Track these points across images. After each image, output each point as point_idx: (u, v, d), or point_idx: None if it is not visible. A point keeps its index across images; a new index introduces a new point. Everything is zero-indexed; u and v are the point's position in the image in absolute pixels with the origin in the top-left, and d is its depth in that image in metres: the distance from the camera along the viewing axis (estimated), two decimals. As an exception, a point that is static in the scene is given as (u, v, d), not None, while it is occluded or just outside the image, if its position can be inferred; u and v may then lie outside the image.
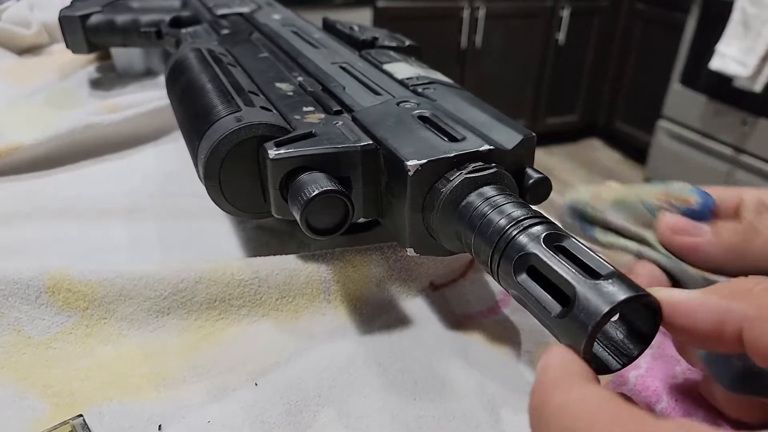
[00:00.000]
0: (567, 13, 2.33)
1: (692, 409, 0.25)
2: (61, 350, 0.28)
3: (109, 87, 0.61)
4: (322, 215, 0.26)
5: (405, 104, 0.31)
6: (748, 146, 1.87)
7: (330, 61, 0.38)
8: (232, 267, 0.31)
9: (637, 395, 0.26)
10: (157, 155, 0.49)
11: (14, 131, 0.47)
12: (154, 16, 0.55)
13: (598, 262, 0.20)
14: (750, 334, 0.17)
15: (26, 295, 0.29)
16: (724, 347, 0.18)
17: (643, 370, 0.27)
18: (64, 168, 0.46)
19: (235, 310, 0.30)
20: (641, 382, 0.26)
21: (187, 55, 0.38)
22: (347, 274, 0.32)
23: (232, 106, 0.30)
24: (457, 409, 0.26)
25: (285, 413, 0.25)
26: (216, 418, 0.25)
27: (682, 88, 2.07)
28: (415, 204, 0.26)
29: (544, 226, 0.22)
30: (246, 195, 0.30)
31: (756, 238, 0.22)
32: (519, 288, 0.21)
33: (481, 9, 2.19)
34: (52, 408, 0.25)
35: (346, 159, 0.27)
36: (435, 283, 0.34)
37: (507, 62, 2.37)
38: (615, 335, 0.21)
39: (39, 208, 0.39)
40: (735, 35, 1.75)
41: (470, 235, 0.24)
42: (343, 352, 0.28)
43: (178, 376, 0.27)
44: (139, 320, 0.29)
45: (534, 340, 0.30)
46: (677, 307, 0.19)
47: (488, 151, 0.26)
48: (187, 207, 0.40)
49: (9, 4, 0.74)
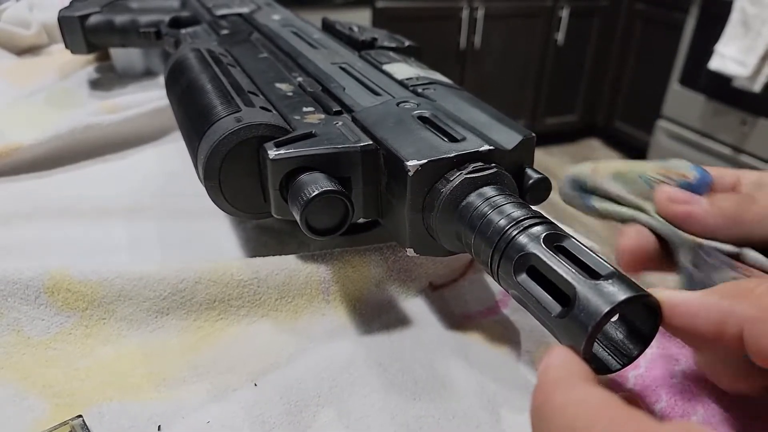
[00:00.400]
0: (566, 13, 2.33)
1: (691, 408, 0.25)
2: (60, 350, 0.28)
3: (109, 87, 0.61)
4: (321, 215, 0.26)
5: (405, 104, 0.31)
6: (747, 146, 1.88)
7: (330, 62, 0.38)
8: (231, 267, 0.31)
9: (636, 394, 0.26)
10: (157, 155, 0.49)
11: (14, 131, 0.47)
12: (153, 17, 0.55)
13: (598, 263, 0.20)
14: (751, 335, 0.17)
15: (26, 296, 0.29)
16: (724, 348, 0.18)
17: (642, 370, 0.27)
18: (64, 168, 0.46)
19: (235, 310, 0.30)
20: (641, 382, 0.26)
21: (187, 56, 0.38)
22: (346, 275, 0.32)
23: (231, 106, 0.30)
24: (457, 409, 0.26)
25: (285, 413, 0.25)
26: (216, 418, 0.25)
27: (681, 88, 2.07)
28: (415, 204, 0.26)
29: (544, 226, 0.22)
30: (246, 195, 0.30)
31: (752, 206, 0.23)
32: (519, 288, 0.21)
33: (481, 9, 2.19)
34: (51, 408, 0.25)
35: (346, 159, 0.27)
36: (434, 284, 0.34)
37: (506, 62, 2.37)
38: (615, 335, 0.21)
39: (39, 208, 0.39)
40: (734, 35, 1.75)
41: (470, 235, 0.24)
42: (342, 353, 0.28)
43: (177, 377, 0.27)
44: (139, 320, 0.29)
45: (534, 340, 0.30)
46: (678, 308, 0.19)
47: (488, 151, 0.26)
48: (187, 207, 0.40)
49: (9, 5, 0.74)
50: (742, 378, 0.21)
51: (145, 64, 0.65)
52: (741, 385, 0.21)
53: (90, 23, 0.56)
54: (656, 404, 0.25)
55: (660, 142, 2.19)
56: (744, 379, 0.21)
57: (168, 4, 0.61)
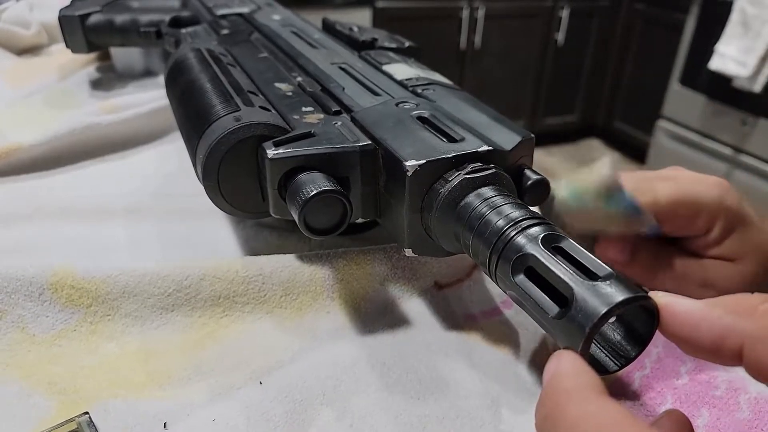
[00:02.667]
0: (566, 14, 2.33)
1: (696, 411, 0.25)
2: (65, 347, 0.28)
3: (109, 87, 0.61)
4: (320, 215, 0.26)
5: (404, 105, 0.31)
6: (747, 146, 1.88)
7: (329, 62, 0.39)
8: (236, 264, 0.31)
9: (642, 396, 0.26)
10: (157, 155, 0.49)
11: (14, 132, 0.47)
12: (153, 16, 0.56)
13: (596, 264, 0.20)
14: (751, 353, 0.17)
15: (30, 292, 0.29)
16: (721, 360, 0.18)
17: (648, 371, 0.27)
18: (64, 168, 0.46)
19: (239, 307, 0.30)
20: (646, 383, 0.26)
21: (187, 55, 0.38)
22: (351, 272, 0.32)
23: (231, 105, 0.30)
24: (460, 409, 0.26)
25: (289, 412, 0.25)
26: (220, 416, 0.25)
27: (681, 88, 2.07)
28: (413, 204, 0.26)
29: (542, 227, 0.22)
30: (244, 195, 0.30)
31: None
32: (517, 289, 0.21)
33: (481, 9, 2.19)
34: (57, 405, 0.25)
35: (344, 159, 0.27)
36: (440, 283, 0.34)
37: (506, 62, 2.37)
38: (613, 336, 0.21)
39: (39, 208, 0.40)
40: (734, 35, 1.75)
41: (468, 235, 0.24)
42: (346, 352, 0.28)
43: (182, 375, 0.27)
44: (143, 317, 0.30)
45: (537, 341, 0.30)
46: (679, 316, 0.18)
47: (487, 151, 0.26)
48: (187, 207, 0.40)
49: (9, 4, 0.74)
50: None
51: (145, 64, 0.65)
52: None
53: (90, 23, 0.56)
54: (661, 406, 0.25)
55: (660, 142, 2.19)
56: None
57: (168, 4, 0.61)
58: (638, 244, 0.28)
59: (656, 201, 0.27)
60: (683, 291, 0.26)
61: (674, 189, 0.27)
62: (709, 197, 0.27)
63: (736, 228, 0.28)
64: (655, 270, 0.29)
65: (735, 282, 0.29)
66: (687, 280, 0.29)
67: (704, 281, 0.29)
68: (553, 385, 0.18)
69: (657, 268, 0.29)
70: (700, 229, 0.28)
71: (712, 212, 0.28)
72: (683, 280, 0.29)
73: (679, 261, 0.29)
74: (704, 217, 0.28)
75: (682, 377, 0.26)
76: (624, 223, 0.26)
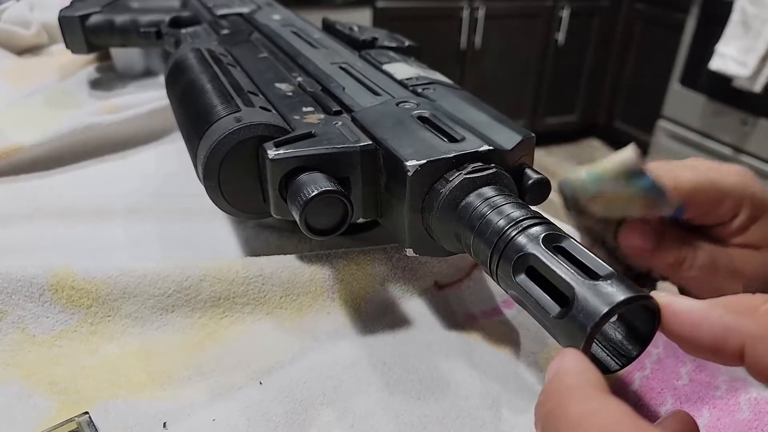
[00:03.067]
0: (567, 14, 2.33)
1: (697, 411, 0.25)
2: (65, 348, 0.28)
3: (109, 87, 0.61)
4: (321, 215, 0.26)
5: (404, 105, 0.31)
6: (747, 146, 1.88)
7: (330, 62, 0.39)
8: (236, 264, 0.31)
9: (642, 396, 0.26)
10: (157, 155, 0.49)
11: (14, 132, 0.47)
12: (153, 17, 0.56)
13: (597, 263, 0.20)
14: (753, 353, 0.17)
15: (30, 293, 0.29)
16: (722, 360, 0.18)
17: (648, 371, 0.27)
18: (64, 168, 0.46)
19: (240, 307, 0.30)
20: (646, 384, 0.26)
21: (187, 56, 0.38)
22: (351, 273, 0.32)
23: (231, 106, 0.30)
24: (461, 409, 0.26)
25: (290, 412, 0.25)
26: (220, 416, 0.25)
27: (681, 88, 2.07)
28: (414, 204, 0.26)
29: (543, 226, 0.22)
30: (245, 195, 0.30)
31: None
32: (518, 288, 0.21)
33: (481, 9, 2.19)
34: (57, 405, 0.25)
35: (345, 159, 0.27)
36: (440, 283, 0.34)
37: (506, 62, 2.37)
38: (614, 336, 0.21)
39: (39, 208, 0.40)
40: (735, 35, 1.75)
41: (469, 235, 0.24)
42: (347, 352, 0.28)
43: (182, 375, 0.27)
44: (144, 318, 0.30)
45: (538, 341, 0.30)
46: (680, 316, 0.18)
47: (488, 151, 0.26)
48: (187, 207, 0.40)
49: (9, 4, 0.74)
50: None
51: (145, 64, 0.65)
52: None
53: (90, 23, 0.56)
54: (662, 406, 0.25)
55: (660, 142, 2.19)
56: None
57: (168, 4, 0.61)
58: (664, 232, 0.28)
59: (679, 186, 0.26)
60: (711, 280, 0.26)
61: (696, 174, 0.27)
62: (733, 183, 0.27)
63: (762, 216, 0.28)
64: (682, 257, 0.28)
65: (762, 270, 0.28)
66: (714, 268, 0.28)
67: (731, 269, 0.28)
68: (556, 382, 0.18)
69: (684, 255, 0.28)
70: (724, 216, 0.27)
71: (736, 199, 0.27)
72: (711, 268, 0.28)
73: (706, 248, 0.28)
74: (728, 203, 0.27)
75: (682, 378, 0.26)
76: (647, 204, 0.25)
